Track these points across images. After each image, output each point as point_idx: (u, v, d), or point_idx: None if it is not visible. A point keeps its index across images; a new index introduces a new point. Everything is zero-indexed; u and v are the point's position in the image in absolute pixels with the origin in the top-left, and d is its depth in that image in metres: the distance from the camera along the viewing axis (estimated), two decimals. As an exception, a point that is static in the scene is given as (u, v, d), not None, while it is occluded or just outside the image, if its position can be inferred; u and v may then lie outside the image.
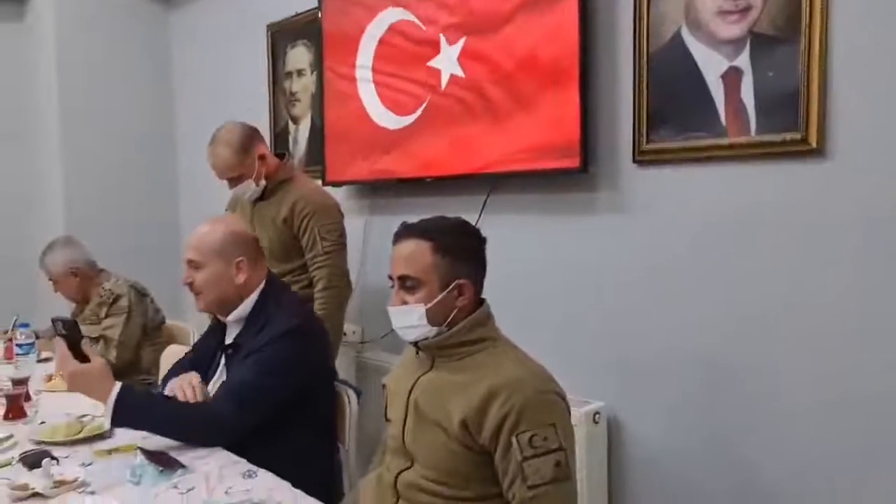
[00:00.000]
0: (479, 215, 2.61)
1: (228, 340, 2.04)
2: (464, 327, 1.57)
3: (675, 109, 2.10)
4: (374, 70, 2.96)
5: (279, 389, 1.84)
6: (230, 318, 2.00)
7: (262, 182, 2.66)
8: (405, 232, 1.60)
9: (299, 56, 3.52)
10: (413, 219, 1.67)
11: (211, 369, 2.06)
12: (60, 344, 1.80)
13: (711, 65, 2.02)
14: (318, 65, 3.33)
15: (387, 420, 1.72)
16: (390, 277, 1.62)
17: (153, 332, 3.26)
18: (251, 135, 2.70)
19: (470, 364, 1.56)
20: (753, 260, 1.98)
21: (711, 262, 2.07)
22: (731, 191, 2.02)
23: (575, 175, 2.33)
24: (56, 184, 4.23)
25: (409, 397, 1.61)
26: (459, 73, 2.61)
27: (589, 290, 2.37)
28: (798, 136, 1.86)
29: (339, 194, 3.13)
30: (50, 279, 3.17)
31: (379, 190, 3.13)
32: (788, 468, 1.94)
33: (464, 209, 2.62)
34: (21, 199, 4.35)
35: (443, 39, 2.65)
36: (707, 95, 2.03)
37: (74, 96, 4.19)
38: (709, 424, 2.10)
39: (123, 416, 1.78)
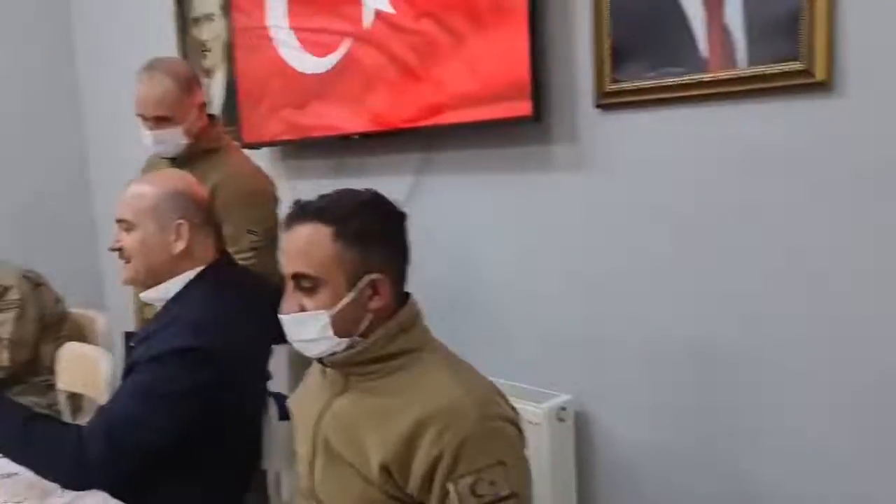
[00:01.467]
0: (415, 176, 2.22)
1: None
2: (380, 339, 1.20)
3: (643, 40, 1.72)
4: (288, 8, 2.51)
5: (163, 428, 1.44)
6: (145, 295, 1.63)
7: (189, 140, 2.17)
8: (298, 213, 1.21)
9: (206, -2, 3.04)
10: (337, 184, 1.30)
11: None
12: None
13: (688, -17, 1.64)
14: (227, 7, 2.86)
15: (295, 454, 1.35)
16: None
17: (53, 325, 2.84)
18: (195, 76, 2.27)
19: (391, 385, 1.19)
20: (747, 221, 1.64)
21: (695, 226, 1.71)
22: (717, 137, 1.66)
23: (526, 125, 1.94)
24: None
25: (315, 430, 1.24)
26: (388, 9, 2.17)
27: (548, 263, 2.00)
28: (800, 66, 1.49)
29: (260, 157, 2.70)
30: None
31: (303, 150, 2.71)
32: (788, 472, 1.63)
33: (399, 169, 2.25)
34: None
35: (364, -33, 2.21)
36: (682, 20, 1.65)
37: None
38: (696, 420, 1.77)
39: None
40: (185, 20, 3.18)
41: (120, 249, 1.59)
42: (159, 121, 2.14)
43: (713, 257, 1.69)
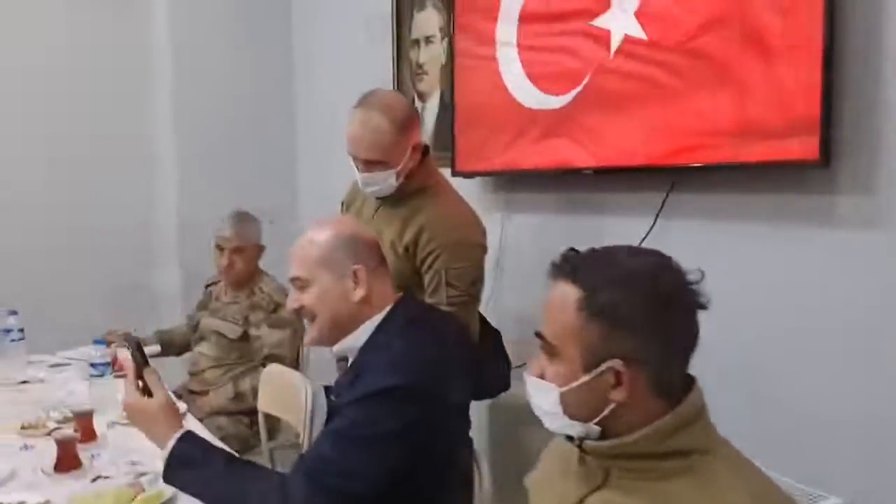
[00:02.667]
0: (654, 221, 1.97)
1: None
2: (655, 433, 0.97)
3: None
4: (518, 34, 2.35)
5: (364, 472, 1.37)
6: (336, 348, 1.55)
7: (400, 180, 2.02)
8: (556, 268, 1.04)
9: (428, 20, 2.97)
10: (559, 220, 1.16)
11: None
12: (130, 368, 1.52)
13: None
14: (449, 29, 2.77)
15: None
16: None
17: None
18: (414, 116, 2.09)
19: (665, 489, 0.97)
20: None
21: None
22: None
23: (807, 169, 1.64)
24: (168, 162, 3.90)
25: None
26: (638, 33, 1.94)
27: (825, 336, 1.68)
28: None
29: (471, 186, 2.56)
30: (233, 247, 2.75)
31: (520, 182, 2.54)
32: None
33: (635, 210, 2.01)
34: (130, 181, 4.00)
35: (615, -10, 2.01)
36: None
37: (187, 66, 3.83)
38: None
39: (177, 472, 1.45)
40: (403, 43, 3.14)
41: (300, 308, 1.53)
42: (371, 164, 1.99)
43: None
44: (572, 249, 1.05)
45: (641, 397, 0.99)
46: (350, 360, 1.55)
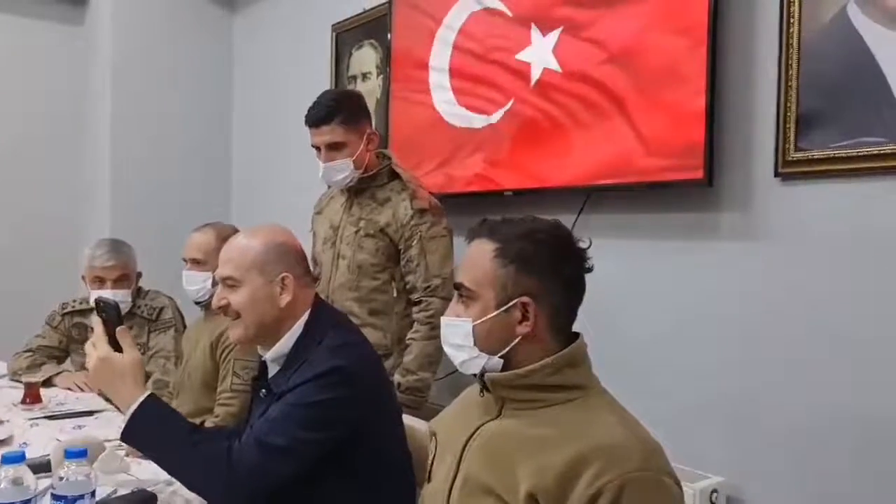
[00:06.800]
0: (568, 237, 2.18)
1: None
2: (547, 366, 1.16)
3: (835, 108, 1.66)
4: (451, 68, 2.59)
5: (312, 440, 1.44)
6: (268, 356, 1.61)
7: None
8: (475, 230, 1.24)
9: (365, 58, 3.18)
10: None
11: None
12: (98, 325, 1.50)
13: (890, 49, 1.58)
14: (385, 66, 2.98)
15: (428, 480, 1.30)
16: None
17: None
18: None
19: (552, 417, 1.14)
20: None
21: (883, 306, 1.59)
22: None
23: (696, 189, 1.89)
24: (104, 192, 3.99)
25: (463, 451, 1.20)
26: (555, 66, 2.20)
27: (709, 337, 1.91)
28: None
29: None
30: (118, 276, 2.52)
31: (452, 205, 2.73)
32: None
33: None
34: (66, 219, 4.13)
35: (534, 28, 2.26)
36: (883, 88, 1.59)
37: (127, 102, 3.95)
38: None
39: (137, 432, 1.44)
40: (341, 78, 3.33)
41: (225, 307, 1.58)
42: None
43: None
44: (484, 218, 1.24)
45: (541, 333, 1.17)
46: (282, 361, 1.59)
